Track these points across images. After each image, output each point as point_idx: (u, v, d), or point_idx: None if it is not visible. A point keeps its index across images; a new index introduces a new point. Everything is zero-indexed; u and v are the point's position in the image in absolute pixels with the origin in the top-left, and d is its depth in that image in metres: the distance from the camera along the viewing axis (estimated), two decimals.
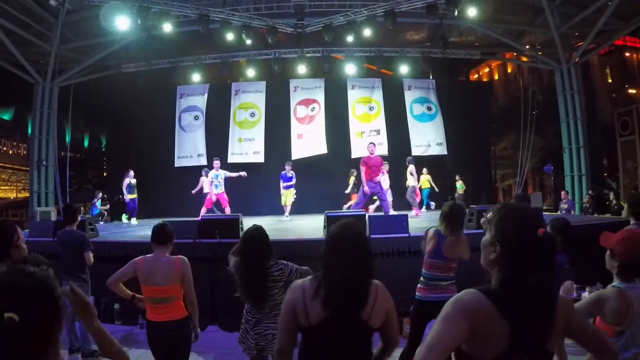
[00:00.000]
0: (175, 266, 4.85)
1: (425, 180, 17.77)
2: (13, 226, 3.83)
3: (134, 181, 16.31)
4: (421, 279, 5.53)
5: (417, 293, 5.53)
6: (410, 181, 16.35)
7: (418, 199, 16.73)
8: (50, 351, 1.62)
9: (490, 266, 2.07)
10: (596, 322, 3.15)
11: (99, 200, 17.91)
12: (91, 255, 7.34)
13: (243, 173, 15.15)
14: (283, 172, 15.76)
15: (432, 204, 17.70)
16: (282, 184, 15.74)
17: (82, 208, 29.52)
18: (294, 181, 15.77)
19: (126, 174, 16.21)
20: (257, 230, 4.64)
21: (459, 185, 18.46)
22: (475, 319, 1.92)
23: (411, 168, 16.40)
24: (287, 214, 15.71)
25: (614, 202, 15.77)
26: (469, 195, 18.76)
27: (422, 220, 13.09)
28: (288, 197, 15.67)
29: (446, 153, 19.36)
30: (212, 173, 15.10)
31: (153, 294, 4.81)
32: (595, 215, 15.84)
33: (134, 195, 16.35)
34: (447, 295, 5.40)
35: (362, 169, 13.35)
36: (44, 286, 1.62)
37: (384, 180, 15.24)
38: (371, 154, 13.53)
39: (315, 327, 2.69)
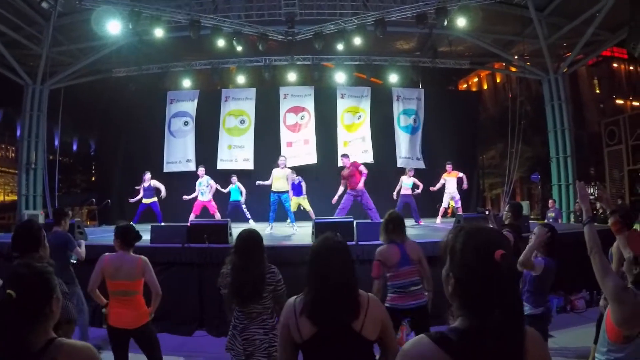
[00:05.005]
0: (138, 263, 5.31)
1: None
2: (39, 225, 3.97)
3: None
4: (394, 289, 5.57)
5: (392, 302, 5.53)
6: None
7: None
8: (38, 328, 2.09)
9: (452, 301, 1.83)
10: (607, 321, 3.13)
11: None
12: (79, 250, 7.38)
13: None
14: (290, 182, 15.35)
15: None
16: (291, 193, 15.24)
17: (70, 212, 29.35)
18: (303, 186, 15.28)
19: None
20: (253, 232, 4.70)
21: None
22: None
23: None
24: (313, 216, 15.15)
25: (601, 210, 15.89)
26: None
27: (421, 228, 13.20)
28: (302, 203, 15.42)
29: (424, 167, 19.14)
30: (198, 180, 15.11)
31: (118, 288, 5.23)
32: None
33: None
34: (422, 302, 5.53)
35: (342, 182, 13.49)
36: (39, 277, 2.15)
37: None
38: (344, 165, 13.62)
39: (308, 342, 2.72)
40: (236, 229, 5.33)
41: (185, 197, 15.12)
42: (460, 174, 15.99)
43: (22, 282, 2.08)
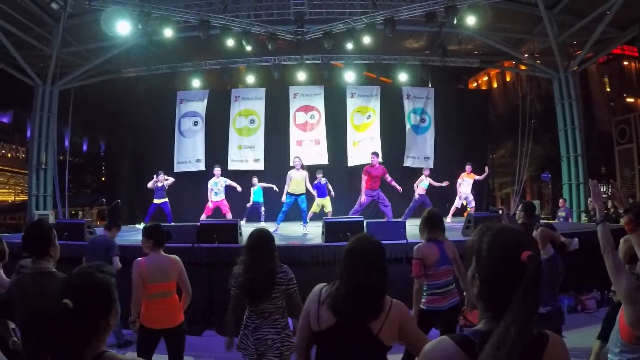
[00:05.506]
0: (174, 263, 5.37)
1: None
2: (50, 225, 3.97)
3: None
4: (432, 290, 5.47)
5: (429, 305, 5.46)
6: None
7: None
8: (93, 340, 2.01)
9: (477, 302, 1.81)
10: (620, 321, 3.06)
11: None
12: (117, 261, 7.55)
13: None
14: (316, 182, 14.96)
15: None
16: (315, 194, 14.75)
17: (80, 212, 29.53)
18: (329, 187, 15.14)
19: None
20: (264, 231, 4.72)
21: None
22: None
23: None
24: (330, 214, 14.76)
25: (612, 209, 15.82)
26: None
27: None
28: (326, 204, 15.27)
29: (432, 167, 18.49)
30: (212, 180, 15.08)
31: (156, 290, 5.20)
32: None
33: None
34: (456, 301, 5.49)
35: (364, 178, 13.36)
36: (100, 288, 2.07)
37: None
38: (373, 164, 13.51)
39: (324, 332, 2.78)
40: (249, 228, 5.35)
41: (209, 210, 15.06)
42: (477, 177, 16.04)
43: (82, 293, 2.00)
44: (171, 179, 15.61)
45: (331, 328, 2.75)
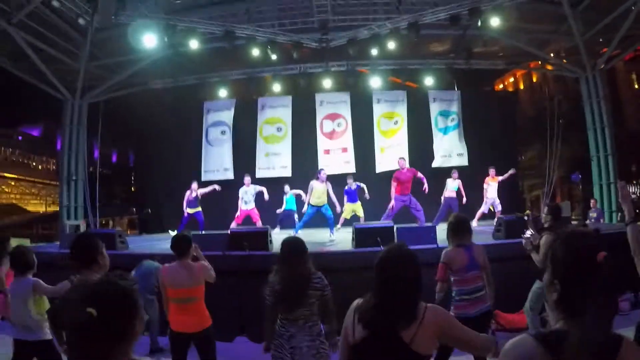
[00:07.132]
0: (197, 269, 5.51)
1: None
2: (95, 236, 4.16)
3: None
4: (460, 297, 5.42)
5: (457, 311, 5.32)
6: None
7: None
8: (120, 347, 1.97)
9: (555, 308, 1.85)
10: None
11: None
12: None
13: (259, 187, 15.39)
14: (346, 187, 14.88)
15: None
16: (345, 198, 14.89)
17: (110, 222, 29.90)
18: (364, 190, 14.69)
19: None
20: (296, 238, 4.82)
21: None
22: None
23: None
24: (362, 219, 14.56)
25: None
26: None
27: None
28: (357, 210, 14.88)
29: (467, 164, 19.05)
30: (242, 189, 15.18)
31: (178, 295, 5.39)
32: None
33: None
34: (487, 306, 5.36)
35: (394, 184, 13.43)
36: (124, 295, 2.01)
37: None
38: (402, 168, 13.54)
39: (357, 344, 2.77)
40: (282, 236, 5.43)
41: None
42: (500, 178, 15.95)
43: (105, 300, 1.94)
44: (206, 189, 15.70)
45: (363, 340, 2.75)
